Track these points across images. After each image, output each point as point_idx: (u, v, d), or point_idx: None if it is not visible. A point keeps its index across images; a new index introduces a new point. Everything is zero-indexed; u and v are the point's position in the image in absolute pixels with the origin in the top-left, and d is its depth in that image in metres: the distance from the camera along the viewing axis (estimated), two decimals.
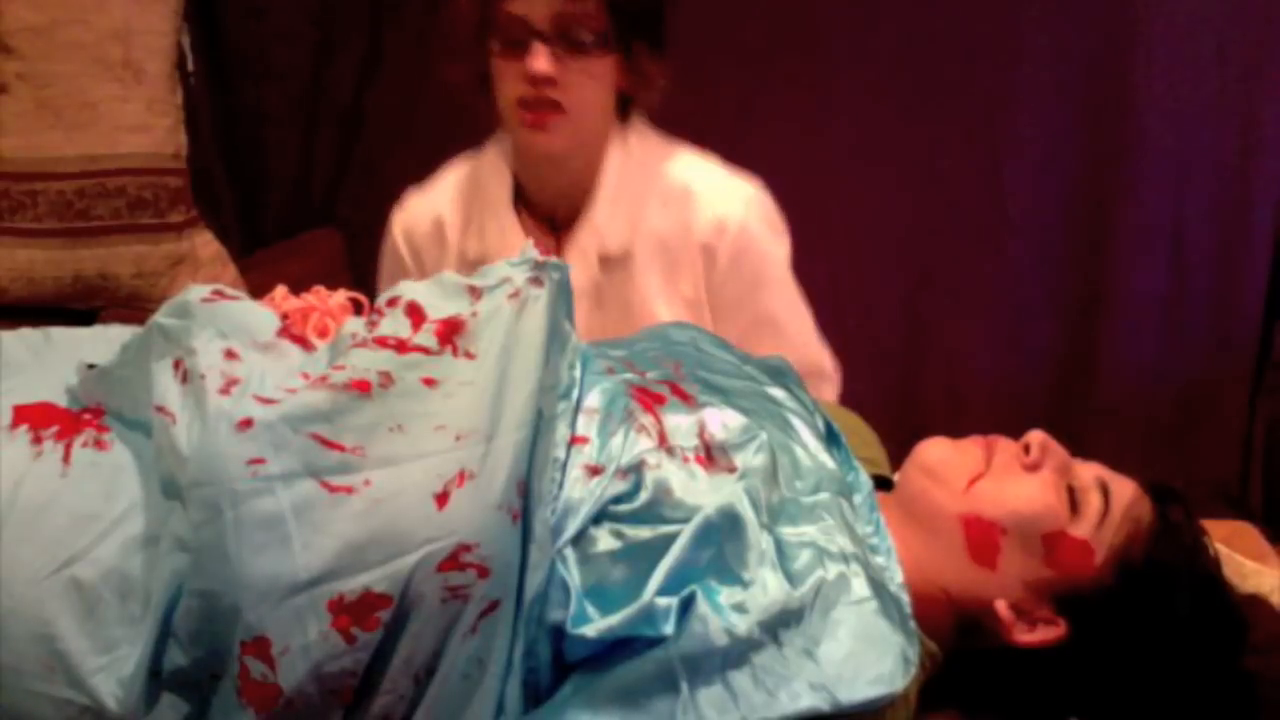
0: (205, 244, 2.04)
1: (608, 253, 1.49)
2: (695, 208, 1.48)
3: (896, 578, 1.01)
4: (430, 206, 1.58)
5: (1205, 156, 2.12)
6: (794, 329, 1.56)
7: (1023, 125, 2.15)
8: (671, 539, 0.93)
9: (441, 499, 0.87)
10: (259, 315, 1.03)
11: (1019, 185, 2.17)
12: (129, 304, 1.96)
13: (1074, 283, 2.20)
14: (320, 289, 1.21)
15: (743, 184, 1.52)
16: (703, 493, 0.96)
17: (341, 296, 1.21)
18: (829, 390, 1.60)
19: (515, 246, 1.48)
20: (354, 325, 1.02)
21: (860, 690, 0.91)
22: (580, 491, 0.95)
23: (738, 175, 1.53)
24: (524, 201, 1.53)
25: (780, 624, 0.92)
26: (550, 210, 1.52)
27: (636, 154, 1.51)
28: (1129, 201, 2.15)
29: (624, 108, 1.50)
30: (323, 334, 1.10)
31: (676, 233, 1.49)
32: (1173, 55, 2.08)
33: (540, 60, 1.36)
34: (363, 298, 1.22)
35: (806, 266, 1.66)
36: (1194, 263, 2.17)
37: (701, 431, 1.02)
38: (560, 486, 0.95)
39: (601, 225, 1.49)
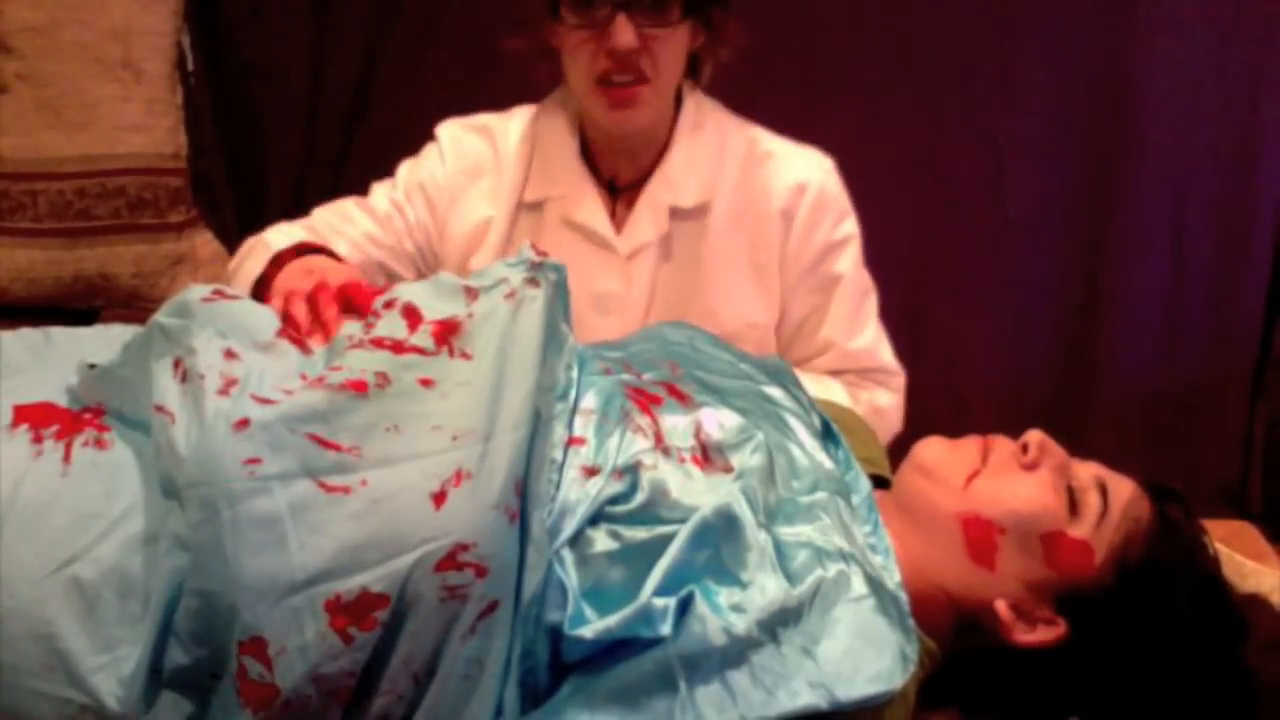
0: (205, 244, 2.04)
1: (681, 206, 1.45)
2: (775, 173, 1.46)
3: (895, 577, 1.01)
4: (493, 136, 1.49)
5: (1205, 156, 2.12)
6: (853, 305, 1.53)
7: (1023, 125, 2.15)
8: (668, 539, 0.93)
9: (439, 499, 0.88)
10: (259, 315, 1.04)
11: (1019, 185, 2.17)
12: (129, 304, 1.96)
13: (1074, 283, 2.20)
14: (324, 280, 1.19)
15: (820, 155, 1.51)
16: (699, 493, 0.96)
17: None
18: (884, 397, 1.55)
19: (585, 198, 1.43)
20: (351, 327, 1.02)
21: (859, 688, 0.91)
22: (577, 493, 0.95)
23: (812, 148, 1.52)
24: (587, 159, 1.47)
25: (779, 623, 0.92)
26: (613, 171, 1.47)
27: (710, 117, 1.47)
28: (1129, 201, 2.14)
29: (692, 68, 1.44)
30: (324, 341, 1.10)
31: (755, 196, 1.46)
32: (1173, 55, 2.08)
33: (626, 34, 1.28)
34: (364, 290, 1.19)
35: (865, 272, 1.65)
36: (1194, 263, 2.16)
37: (698, 431, 1.02)
38: (557, 487, 0.95)
39: (676, 179, 1.44)
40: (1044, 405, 2.21)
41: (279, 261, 1.27)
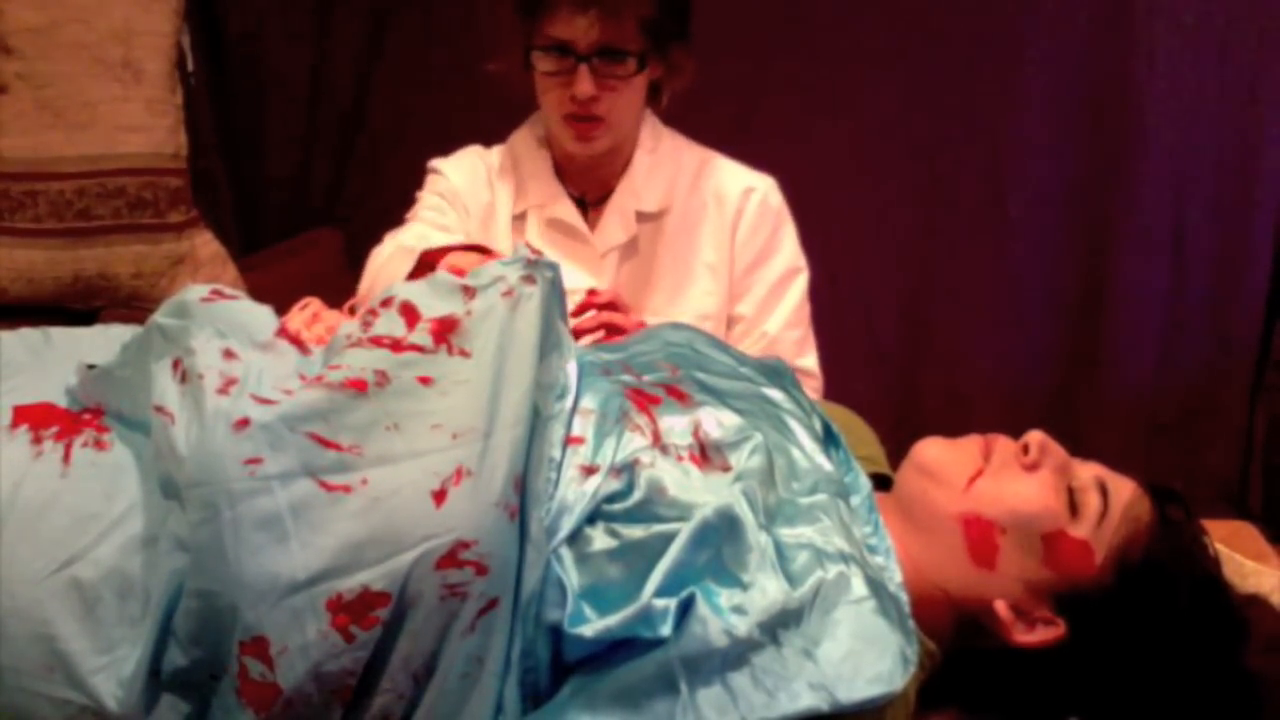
0: (205, 244, 2.04)
1: (645, 211, 1.60)
2: (724, 182, 1.62)
3: (895, 577, 1.01)
4: (479, 158, 1.63)
5: (1205, 156, 2.12)
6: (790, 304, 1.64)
7: (1023, 125, 2.15)
8: (666, 537, 0.93)
9: (439, 496, 0.88)
10: (257, 315, 1.04)
11: (1019, 185, 2.17)
12: (129, 304, 1.96)
13: (1074, 282, 2.21)
14: (319, 307, 1.21)
15: (765, 176, 1.65)
16: (697, 491, 0.96)
17: (334, 317, 1.21)
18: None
19: (561, 204, 1.58)
20: (349, 326, 1.02)
21: (859, 689, 0.91)
22: (575, 491, 0.95)
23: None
24: (559, 178, 1.61)
25: (779, 624, 0.92)
26: (582, 189, 1.61)
27: (667, 140, 1.63)
28: (1129, 201, 2.15)
29: (654, 93, 1.58)
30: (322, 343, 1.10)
31: (707, 201, 1.61)
32: (1173, 55, 2.08)
33: (585, 84, 1.45)
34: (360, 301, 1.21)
35: (807, 267, 1.66)
36: (1194, 262, 2.17)
37: (696, 430, 1.02)
38: (556, 486, 0.95)
39: (640, 187, 1.60)
40: (1044, 405, 2.21)
41: (428, 258, 1.35)
